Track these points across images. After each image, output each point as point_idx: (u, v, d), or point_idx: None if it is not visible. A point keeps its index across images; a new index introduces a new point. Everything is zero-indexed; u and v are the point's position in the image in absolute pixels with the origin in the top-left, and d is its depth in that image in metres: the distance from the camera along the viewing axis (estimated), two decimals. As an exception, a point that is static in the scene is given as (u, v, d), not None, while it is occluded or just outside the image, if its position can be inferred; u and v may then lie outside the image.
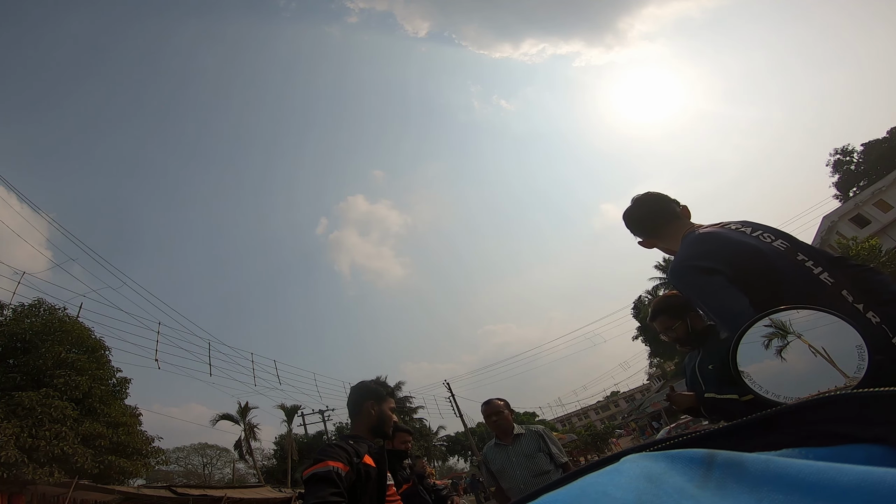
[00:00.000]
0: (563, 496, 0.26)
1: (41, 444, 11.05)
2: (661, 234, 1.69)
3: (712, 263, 1.35)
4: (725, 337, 2.01)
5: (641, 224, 1.74)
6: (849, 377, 0.57)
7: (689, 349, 2.19)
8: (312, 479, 1.50)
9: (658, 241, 1.72)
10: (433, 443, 38.52)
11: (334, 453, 1.60)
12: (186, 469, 36.70)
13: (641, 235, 1.76)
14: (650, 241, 1.74)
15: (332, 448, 1.65)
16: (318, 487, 1.47)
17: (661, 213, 1.67)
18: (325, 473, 1.50)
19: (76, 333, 14.23)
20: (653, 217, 1.69)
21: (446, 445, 43.63)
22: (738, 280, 1.29)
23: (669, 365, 38.43)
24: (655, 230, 1.70)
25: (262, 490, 17.05)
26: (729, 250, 1.37)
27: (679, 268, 1.47)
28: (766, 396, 0.61)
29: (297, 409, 29.33)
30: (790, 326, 0.64)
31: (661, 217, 1.67)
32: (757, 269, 1.31)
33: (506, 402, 3.08)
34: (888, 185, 26.84)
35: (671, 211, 1.66)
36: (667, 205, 1.68)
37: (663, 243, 1.71)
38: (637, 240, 1.80)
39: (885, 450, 0.26)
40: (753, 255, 1.33)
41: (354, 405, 1.94)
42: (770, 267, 1.30)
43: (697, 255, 1.42)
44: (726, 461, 0.26)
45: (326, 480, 1.49)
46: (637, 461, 0.28)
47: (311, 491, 1.47)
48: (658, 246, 1.74)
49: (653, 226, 1.70)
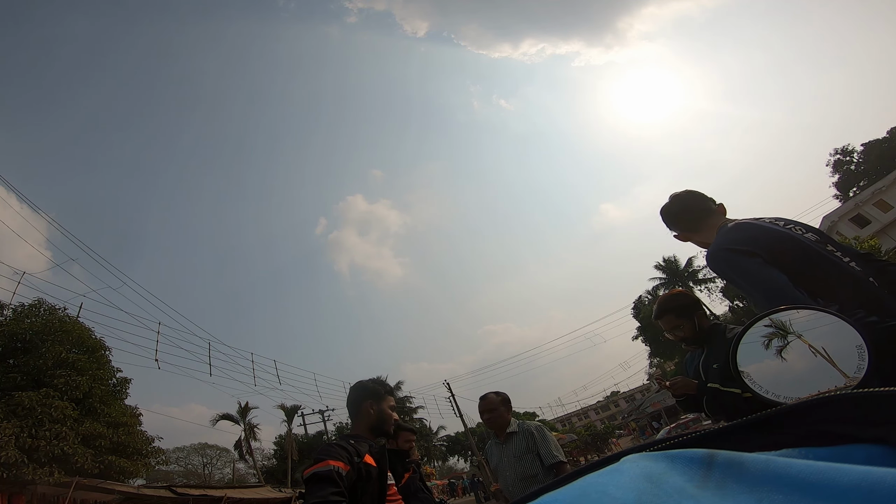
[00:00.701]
0: (563, 496, 0.26)
1: (41, 444, 11.05)
2: (698, 228, 1.79)
3: (750, 247, 1.46)
4: (732, 335, 2.10)
5: (678, 218, 1.84)
6: (849, 377, 0.57)
7: (694, 348, 2.20)
8: (313, 478, 1.50)
9: (694, 234, 1.82)
10: (433, 443, 38.51)
11: (335, 453, 1.60)
12: (186, 469, 36.73)
13: (677, 229, 1.87)
14: (686, 234, 1.85)
15: (332, 447, 1.64)
16: (318, 487, 1.47)
17: (697, 208, 1.79)
18: (327, 473, 1.50)
19: (76, 333, 14.23)
20: (689, 212, 1.80)
21: (446, 445, 43.61)
22: (774, 263, 1.40)
23: (669, 365, 38.43)
24: (692, 224, 1.81)
25: (262, 490, 17.06)
26: (765, 236, 1.49)
27: (718, 251, 1.57)
28: (767, 396, 0.61)
29: (297, 409, 29.35)
30: (790, 326, 0.64)
31: (698, 212, 1.78)
32: (791, 254, 1.42)
33: (504, 397, 2.94)
34: (888, 185, 26.85)
35: (707, 207, 1.79)
36: (703, 202, 1.81)
37: (699, 237, 1.81)
38: (672, 233, 1.90)
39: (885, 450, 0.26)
40: (788, 241, 1.45)
41: (354, 405, 1.94)
42: (804, 253, 1.42)
43: (735, 240, 1.53)
44: (726, 461, 0.26)
45: (327, 480, 1.49)
46: (637, 461, 0.28)
47: (312, 490, 1.47)
48: (693, 240, 1.84)
49: (689, 219, 1.81)
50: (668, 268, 35.52)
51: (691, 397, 2.11)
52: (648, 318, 31.72)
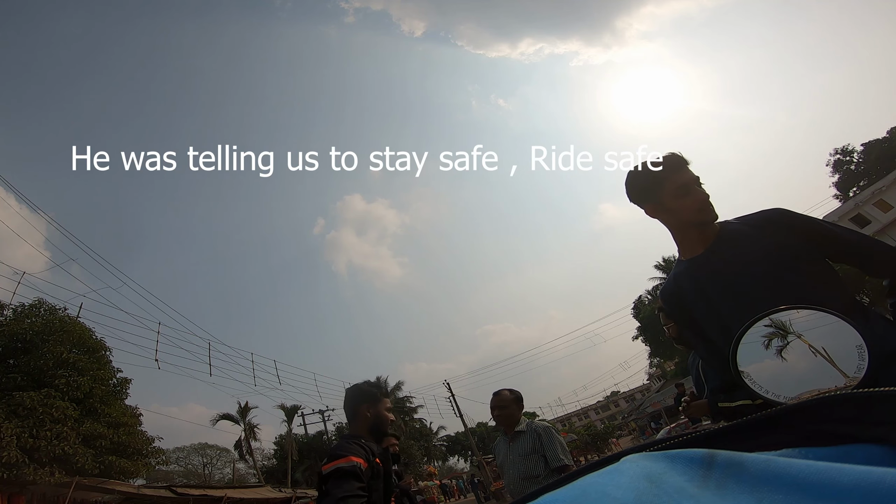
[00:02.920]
0: (563, 496, 0.26)
1: (42, 444, 11.06)
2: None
3: (666, 312, 1.64)
4: None
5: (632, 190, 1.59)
6: (849, 377, 0.57)
7: (685, 348, 2.29)
8: (337, 473, 1.51)
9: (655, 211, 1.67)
10: (433, 443, 38.54)
11: (354, 449, 1.62)
12: (186, 469, 36.71)
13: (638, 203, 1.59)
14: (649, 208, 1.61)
15: (349, 444, 1.67)
16: (344, 481, 1.48)
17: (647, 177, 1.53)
18: (350, 468, 1.52)
19: (77, 333, 14.23)
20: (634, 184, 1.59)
21: (446, 445, 43.66)
22: (672, 318, 1.61)
23: (669, 365, 38.43)
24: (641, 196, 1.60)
25: (262, 490, 17.07)
26: (664, 299, 1.60)
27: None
28: (767, 396, 0.61)
29: (297, 409, 29.35)
30: (790, 326, 0.64)
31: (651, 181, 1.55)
32: (678, 316, 1.56)
33: (517, 395, 2.94)
34: (888, 185, 26.84)
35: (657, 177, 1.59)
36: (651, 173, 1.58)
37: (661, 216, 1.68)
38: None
39: (885, 450, 0.26)
40: (672, 300, 1.54)
41: (351, 408, 1.97)
42: (681, 311, 1.49)
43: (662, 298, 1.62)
44: (726, 461, 0.26)
45: (352, 474, 1.51)
46: (637, 461, 0.28)
47: (338, 485, 1.48)
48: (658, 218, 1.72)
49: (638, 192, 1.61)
50: (668, 268, 35.37)
51: None
52: (648, 318, 31.73)
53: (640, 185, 1.42)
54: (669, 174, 1.35)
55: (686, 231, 1.38)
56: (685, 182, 1.33)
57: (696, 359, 2.30)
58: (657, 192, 1.37)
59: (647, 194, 1.41)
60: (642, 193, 1.42)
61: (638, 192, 1.43)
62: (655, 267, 35.73)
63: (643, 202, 1.43)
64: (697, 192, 1.33)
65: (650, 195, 1.40)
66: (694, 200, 1.32)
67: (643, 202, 1.43)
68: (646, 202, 1.42)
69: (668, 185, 1.34)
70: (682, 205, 1.33)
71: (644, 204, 1.43)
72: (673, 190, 1.34)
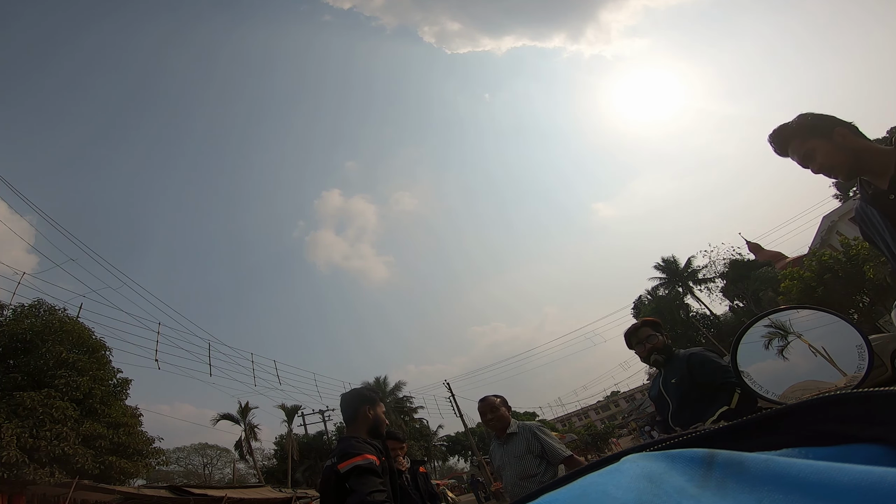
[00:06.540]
0: (563, 496, 0.26)
1: (42, 444, 11.07)
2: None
3: None
4: (685, 355, 2.36)
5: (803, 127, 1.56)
6: (849, 377, 0.57)
7: (657, 364, 2.49)
8: (356, 470, 1.53)
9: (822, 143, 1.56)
10: (433, 443, 38.52)
11: (366, 447, 1.64)
12: (187, 469, 36.74)
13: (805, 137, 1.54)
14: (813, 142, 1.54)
15: (359, 443, 1.69)
16: (366, 478, 1.51)
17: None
18: (368, 465, 1.54)
19: (77, 334, 14.24)
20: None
21: (446, 445, 43.64)
22: None
23: (669, 365, 38.39)
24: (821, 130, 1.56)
25: (262, 490, 17.05)
26: None
27: None
28: (767, 396, 0.61)
29: (298, 409, 29.38)
30: (790, 326, 0.64)
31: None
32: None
33: (503, 398, 3.02)
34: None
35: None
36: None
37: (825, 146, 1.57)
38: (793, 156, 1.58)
39: (885, 450, 0.26)
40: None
41: (351, 410, 2.00)
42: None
43: None
44: (726, 461, 0.26)
45: (371, 471, 1.53)
46: (637, 461, 0.28)
47: (362, 482, 1.49)
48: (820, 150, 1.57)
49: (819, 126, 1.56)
50: (668, 268, 35.52)
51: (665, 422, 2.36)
52: (648, 318, 31.66)
53: (808, 123, 1.47)
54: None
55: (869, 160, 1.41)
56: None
57: (654, 384, 2.56)
58: (833, 128, 1.42)
59: (819, 130, 1.45)
60: (812, 129, 1.46)
61: (808, 128, 1.47)
62: (655, 267, 35.77)
63: (812, 137, 1.46)
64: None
65: (823, 131, 1.44)
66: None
67: (812, 137, 1.46)
68: (815, 137, 1.46)
69: (839, 126, 1.43)
70: (860, 143, 1.41)
71: (812, 139, 1.46)
72: (845, 130, 1.42)
